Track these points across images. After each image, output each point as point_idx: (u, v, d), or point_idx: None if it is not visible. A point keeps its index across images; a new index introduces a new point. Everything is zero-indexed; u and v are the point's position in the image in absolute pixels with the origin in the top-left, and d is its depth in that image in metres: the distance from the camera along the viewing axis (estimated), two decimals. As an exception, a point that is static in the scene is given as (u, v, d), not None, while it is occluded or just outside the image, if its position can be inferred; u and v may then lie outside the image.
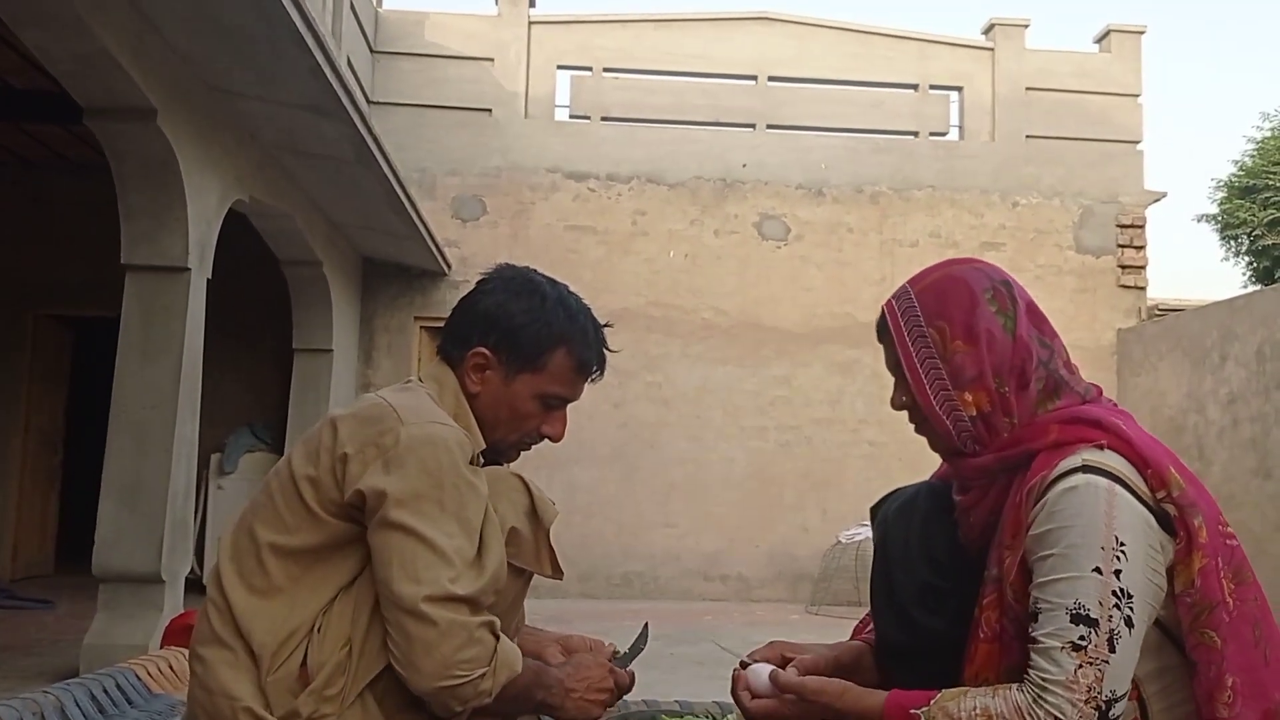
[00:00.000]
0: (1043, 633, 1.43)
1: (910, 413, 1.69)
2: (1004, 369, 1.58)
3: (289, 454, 1.74)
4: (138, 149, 4.91)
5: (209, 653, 1.64)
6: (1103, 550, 1.41)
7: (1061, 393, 1.60)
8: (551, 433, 1.88)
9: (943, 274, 1.66)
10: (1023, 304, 1.63)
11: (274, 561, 1.64)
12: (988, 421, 1.59)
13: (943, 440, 1.65)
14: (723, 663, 5.88)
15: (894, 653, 1.81)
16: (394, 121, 9.39)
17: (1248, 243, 14.11)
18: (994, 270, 1.67)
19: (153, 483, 5.00)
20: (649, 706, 2.45)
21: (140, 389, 5.04)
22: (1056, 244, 10.03)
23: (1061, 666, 1.40)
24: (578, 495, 9.17)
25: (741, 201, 9.85)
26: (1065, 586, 1.43)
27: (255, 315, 8.82)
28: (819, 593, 8.86)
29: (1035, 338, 1.61)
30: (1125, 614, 1.41)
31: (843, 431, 9.61)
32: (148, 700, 2.08)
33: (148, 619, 4.91)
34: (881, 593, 1.82)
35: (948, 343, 1.60)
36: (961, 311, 1.61)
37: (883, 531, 1.84)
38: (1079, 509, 1.44)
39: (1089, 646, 1.39)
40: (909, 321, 1.64)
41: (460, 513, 1.60)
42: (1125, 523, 1.43)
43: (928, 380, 1.62)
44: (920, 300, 1.64)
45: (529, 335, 1.81)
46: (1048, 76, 10.30)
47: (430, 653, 1.52)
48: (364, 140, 5.76)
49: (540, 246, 9.34)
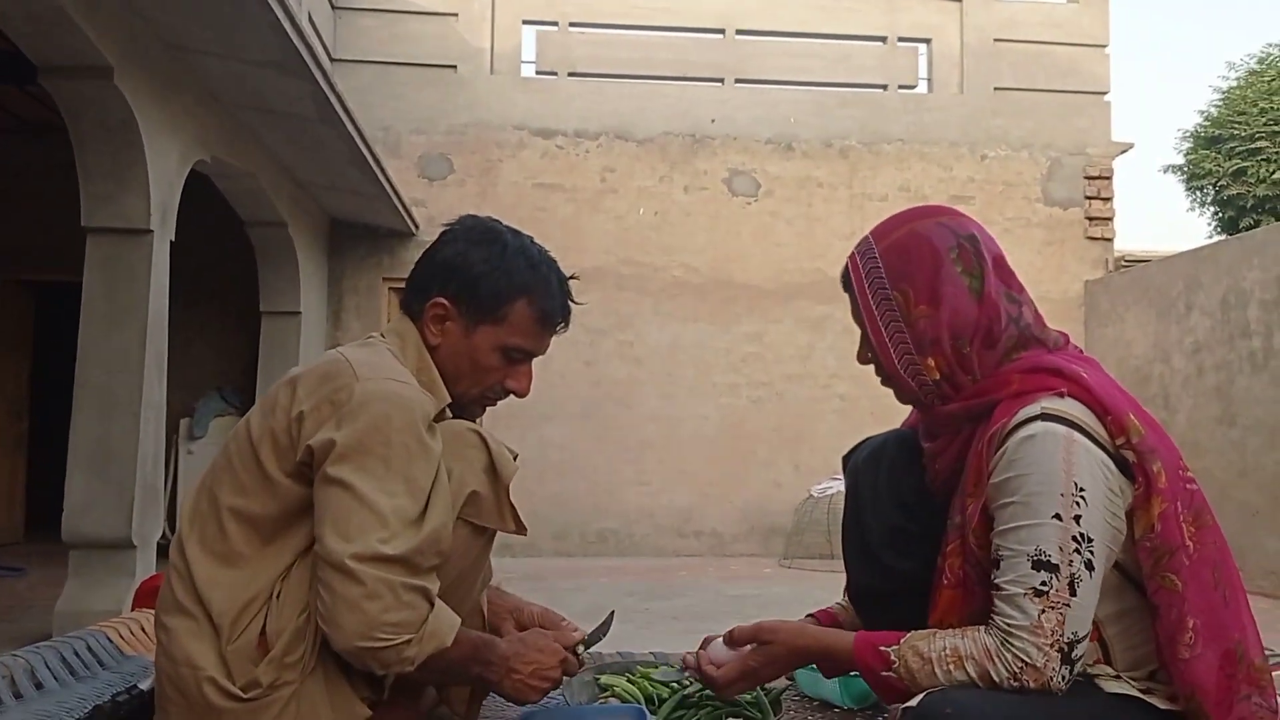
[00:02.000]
0: (1005, 580, 1.45)
1: (875, 367, 1.69)
2: (968, 331, 1.58)
3: (248, 415, 1.70)
4: (95, 109, 4.82)
5: (172, 621, 1.61)
6: (1062, 497, 1.43)
7: (1029, 344, 1.60)
8: (516, 387, 1.83)
9: (907, 231, 1.64)
10: (990, 259, 1.61)
11: (234, 527, 1.61)
12: (951, 381, 1.60)
13: (908, 396, 1.67)
14: (697, 617, 5.94)
15: (866, 597, 1.84)
16: (358, 79, 9.25)
17: (1213, 193, 14.18)
18: (960, 223, 1.64)
19: (121, 448, 4.97)
20: (623, 658, 2.47)
21: (105, 354, 4.99)
22: (1025, 196, 10.06)
23: (1025, 612, 1.42)
24: (551, 453, 9.18)
25: (711, 157, 9.80)
26: (1026, 534, 1.44)
27: (221, 278, 8.73)
28: (792, 546, 8.94)
29: (1004, 294, 1.61)
30: (1085, 558, 1.43)
31: (814, 387, 9.65)
32: (120, 662, 2.07)
33: (119, 585, 4.89)
34: (853, 538, 1.84)
35: (911, 307, 1.60)
36: (926, 274, 1.59)
37: (853, 479, 1.86)
38: (1037, 457, 1.45)
39: (1050, 591, 1.42)
40: (873, 283, 1.63)
41: (407, 471, 1.55)
42: (1083, 468, 1.44)
43: (892, 344, 1.62)
44: (884, 260, 1.63)
45: (489, 285, 1.76)
46: (1016, 27, 10.28)
47: (353, 610, 1.49)
48: (327, 98, 5.68)
49: (508, 205, 9.27)
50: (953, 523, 1.60)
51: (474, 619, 1.80)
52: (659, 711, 2.04)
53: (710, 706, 2.05)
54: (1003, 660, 1.42)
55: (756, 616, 1.80)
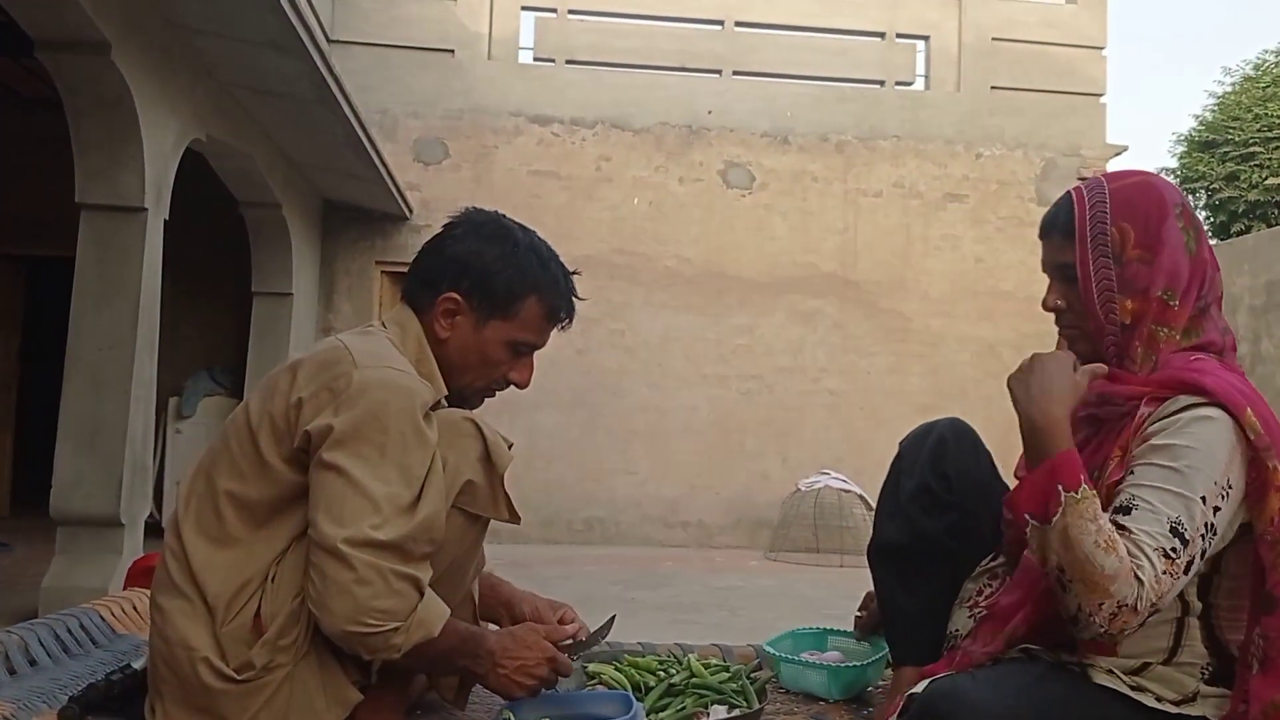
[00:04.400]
0: (1141, 528, 1.45)
1: (1059, 315, 1.71)
2: (1179, 284, 1.62)
3: (247, 399, 1.72)
4: (91, 84, 4.80)
5: (167, 601, 1.63)
6: (1215, 484, 1.47)
7: (1204, 329, 1.64)
8: (519, 379, 1.87)
9: (1141, 179, 1.68)
10: (1204, 230, 1.68)
11: (230, 510, 1.62)
12: (1137, 331, 1.62)
13: (1090, 339, 1.67)
14: (682, 608, 5.95)
15: (889, 552, 1.95)
16: (355, 61, 9.23)
17: (1206, 197, 14.27)
18: (1181, 193, 1.71)
19: (111, 425, 4.96)
20: (611, 647, 2.49)
21: (96, 330, 4.98)
22: (1019, 196, 10.09)
23: (1155, 565, 1.42)
24: (540, 441, 9.19)
25: (707, 149, 9.80)
26: (1174, 500, 1.46)
27: (214, 258, 8.70)
28: (778, 539, 8.98)
29: (1210, 261, 1.66)
30: (1204, 546, 1.47)
31: (804, 380, 9.67)
32: (112, 640, 2.08)
33: (106, 562, 4.89)
34: (888, 498, 1.98)
35: (1128, 247, 1.62)
36: (1150, 219, 1.63)
37: (901, 449, 1.99)
38: (1209, 438, 1.49)
39: (1176, 559, 1.44)
40: (1095, 215, 1.65)
41: (402, 459, 1.57)
42: (1237, 468, 1.49)
43: (1095, 276, 1.64)
44: (1114, 197, 1.66)
45: (502, 282, 1.79)
46: (1014, 26, 10.29)
47: (343, 595, 1.51)
48: (324, 79, 5.66)
49: (503, 191, 9.26)
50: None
51: (465, 606, 1.82)
52: (646, 698, 2.06)
53: (696, 694, 2.07)
54: (1127, 584, 1.40)
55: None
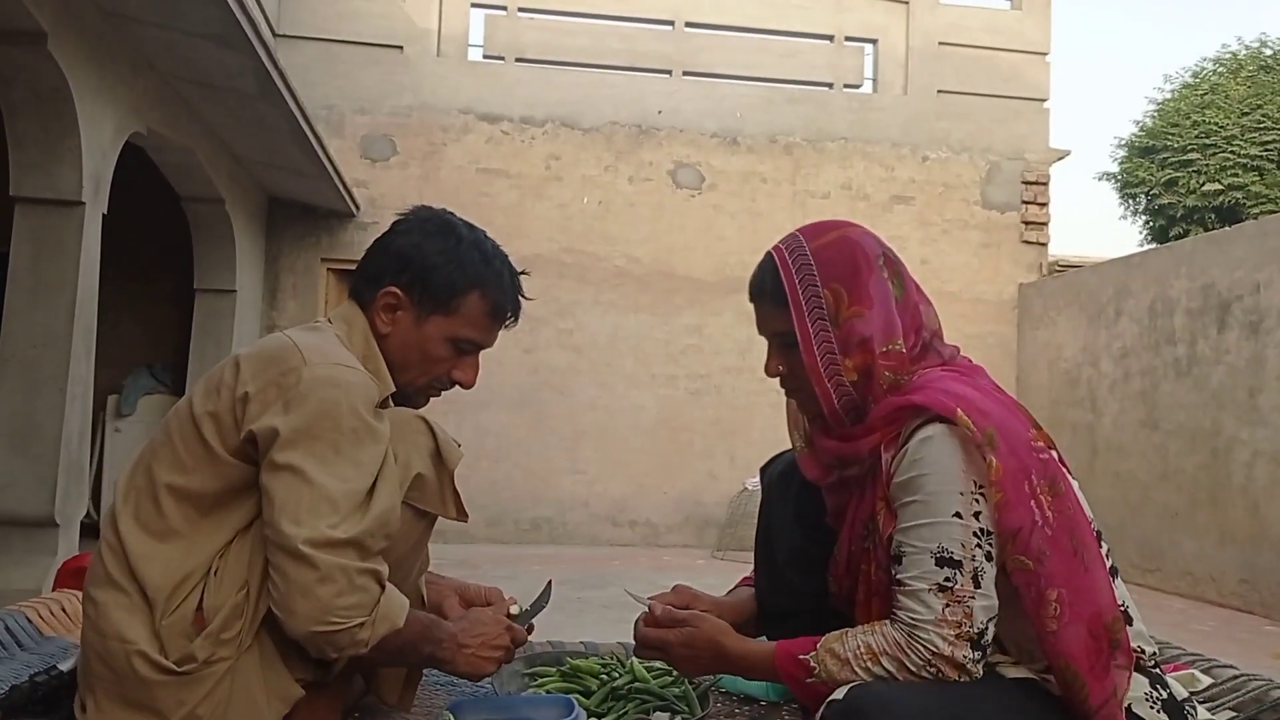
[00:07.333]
0: (909, 575, 1.49)
1: (784, 380, 1.72)
2: (894, 334, 1.62)
3: (190, 393, 1.70)
4: (27, 75, 4.70)
5: (102, 595, 1.60)
6: (961, 495, 1.48)
7: (928, 356, 1.66)
8: (463, 378, 1.86)
9: (839, 235, 1.68)
10: (907, 270, 1.69)
11: (171, 503, 1.60)
12: (863, 384, 1.61)
13: (819, 404, 1.66)
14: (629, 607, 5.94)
15: (772, 615, 1.89)
16: (301, 56, 9.11)
17: (1145, 201, 14.53)
18: (877, 237, 1.71)
19: (45, 424, 4.85)
20: (554, 648, 2.47)
21: (31, 328, 4.87)
22: (964, 199, 10.21)
23: (929, 607, 1.46)
24: (487, 440, 9.14)
25: (656, 149, 9.81)
26: (928, 531, 1.48)
27: (154, 254, 8.55)
28: (725, 538, 9.01)
29: (919, 303, 1.68)
30: (985, 550, 1.48)
31: (752, 380, 9.68)
32: (39, 643, 2.02)
33: (40, 564, 4.78)
34: (763, 555, 1.92)
35: (843, 307, 1.62)
36: (859, 277, 1.63)
37: (767, 494, 1.94)
38: (935, 455, 1.50)
39: (955, 586, 1.46)
40: (804, 278, 1.65)
41: (356, 456, 1.56)
42: (976, 465, 1.49)
43: (816, 341, 1.63)
44: (817, 258, 1.65)
45: (442, 276, 1.78)
46: (960, 31, 10.41)
47: (307, 595, 1.50)
48: (268, 73, 5.58)
49: (451, 189, 9.19)
50: (858, 538, 1.63)
51: (414, 603, 1.80)
52: (589, 702, 2.05)
53: (638, 699, 2.07)
54: (914, 651, 1.46)
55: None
